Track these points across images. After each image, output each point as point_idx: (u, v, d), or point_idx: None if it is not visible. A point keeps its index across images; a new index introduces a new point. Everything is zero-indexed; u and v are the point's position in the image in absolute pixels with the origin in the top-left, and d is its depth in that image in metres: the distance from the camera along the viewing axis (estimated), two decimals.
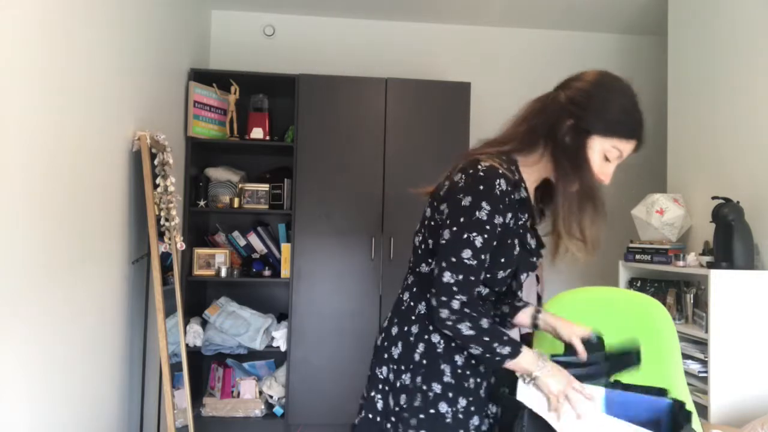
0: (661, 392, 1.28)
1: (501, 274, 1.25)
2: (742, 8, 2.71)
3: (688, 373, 2.46)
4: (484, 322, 1.18)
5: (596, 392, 1.25)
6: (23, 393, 1.67)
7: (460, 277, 1.16)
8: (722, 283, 2.33)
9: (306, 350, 3.25)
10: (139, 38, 2.52)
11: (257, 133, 3.38)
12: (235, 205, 3.36)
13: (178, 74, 3.15)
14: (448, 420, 1.22)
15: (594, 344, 1.34)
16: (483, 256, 1.18)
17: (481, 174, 1.19)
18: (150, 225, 2.40)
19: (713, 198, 2.50)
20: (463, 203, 1.19)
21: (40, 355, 1.75)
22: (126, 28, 2.36)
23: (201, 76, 3.34)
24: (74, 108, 1.93)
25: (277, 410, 3.29)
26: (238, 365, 3.37)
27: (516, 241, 1.24)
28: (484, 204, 1.17)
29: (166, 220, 2.53)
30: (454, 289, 1.16)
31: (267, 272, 3.37)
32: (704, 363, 2.39)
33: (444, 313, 1.17)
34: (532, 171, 1.28)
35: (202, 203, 3.34)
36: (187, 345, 2.88)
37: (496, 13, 3.75)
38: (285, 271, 3.31)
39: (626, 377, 1.34)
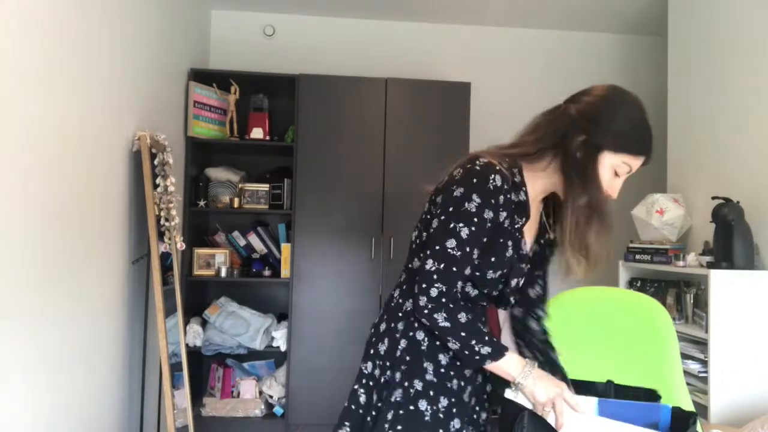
0: (652, 394, 1.27)
1: (491, 275, 1.24)
2: (742, 8, 2.71)
3: (688, 373, 2.46)
4: (462, 316, 1.17)
5: (588, 403, 1.24)
6: (23, 393, 1.67)
7: (442, 266, 1.16)
8: (722, 283, 2.33)
9: (306, 350, 3.25)
10: (139, 38, 2.52)
11: (257, 133, 3.38)
12: (235, 205, 3.36)
13: (178, 74, 3.15)
14: (426, 418, 1.22)
15: None
16: (468, 249, 1.17)
17: (478, 168, 1.20)
18: (150, 225, 2.40)
19: (713, 198, 2.50)
20: (454, 194, 1.19)
21: (40, 355, 1.75)
22: (126, 29, 2.36)
23: (201, 76, 3.34)
24: (74, 108, 1.93)
25: (277, 410, 3.29)
26: (238, 365, 3.37)
27: (510, 243, 1.24)
28: (474, 196, 1.17)
29: (166, 220, 2.53)
30: (434, 277, 1.16)
31: (267, 272, 3.37)
32: (704, 363, 2.39)
33: (422, 300, 1.17)
34: (537, 178, 1.27)
35: (202, 203, 3.34)
36: (187, 345, 2.88)
37: (496, 13, 3.75)
38: (285, 271, 3.31)
39: (621, 378, 1.34)
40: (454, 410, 1.25)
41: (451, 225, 1.17)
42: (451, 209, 1.19)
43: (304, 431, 3.25)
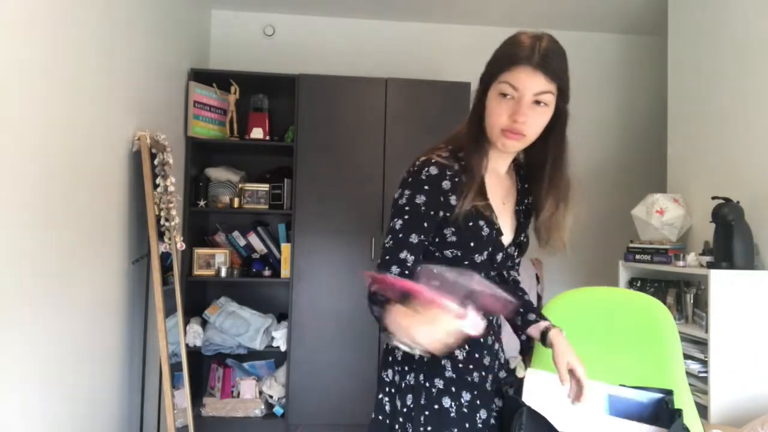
0: (667, 394, 1.28)
1: (479, 258, 1.25)
2: (742, 8, 2.71)
3: (688, 373, 2.46)
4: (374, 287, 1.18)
5: (599, 388, 1.25)
6: (23, 393, 1.67)
7: (380, 259, 1.21)
8: (722, 283, 2.33)
9: (306, 350, 3.25)
10: (139, 38, 2.52)
11: (257, 133, 3.38)
12: (235, 205, 3.36)
13: (178, 74, 3.15)
14: (452, 414, 1.23)
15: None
16: (401, 235, 1.19)
17: (414, 168, 1.24)
18: (150, 225, 2.40)
19: (713, 198, 2.50)
20: (395, 196, 1.25)
21: (40, 355, 1.75)
22: (126, 28, 2.36)
23: (201, 76, 3.34)
24: (74, 108, 1.93)
25: (277, 410, 3.29)
26: (238, 365, 3.37)
27: (482, 223, 1.24)
28: (406, 191, 1.21)
29: (166, 220, 2.53)
30: (376, 270, 1.20)
31: (267, 272, 3.37)
32: (704, 363, 2.39)
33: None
34: (493, 154, 1.29)
35: (202, 203, 3.34)
36: (187, 345, 2.88)
37: (496, 13, 3.75)
38: (285, 271, 3.31)
39: (629, 380, 1.34)
40: (478, 402, 1.26)
41: (390, 223, 1.22)
42: (392, 210, 1.24)
43: (304, 431, 3.25)
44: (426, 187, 1.20)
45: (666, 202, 2.90)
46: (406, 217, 1.20)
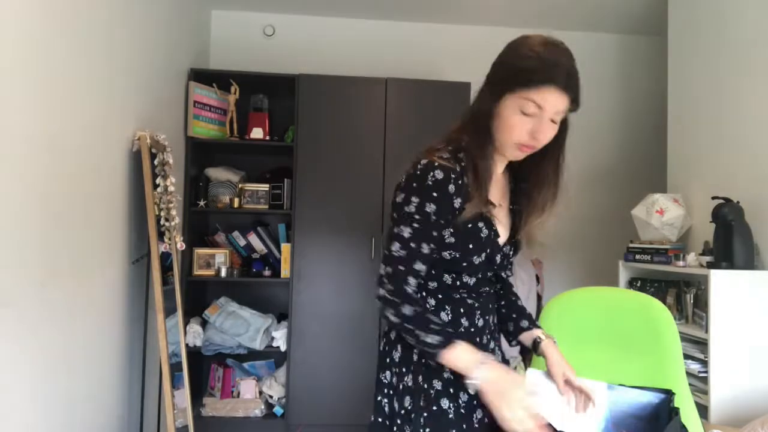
0: (668, 394, 1.28)
1: (477, 260, 1.25)
2: (742, 8, 2.71)
3: (688, 373, 2.46)
4: (407, 309, 1.16)
5: (598, 387, 1.25)
6: (23, 392, 1.67)
7: (389, 269, 1.18)
8: (722, 283, 2.33)
9: (306, 350, 3.25)
10: (139, 38, 2.52)
11: (257, 133, 3.38)
12: (235, 205, 3.36)
13: (178, 74, 3.15)
14: (450, 416, 1.23)
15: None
16: (413, 245, 1.18)
17: (417, 172, 1.21)
18: (150, 225, 2.40)
19: (713, 198, 2.50)
20: (397, 200, 1.22)
21: (40, 355, 1.75)
22: (126, 28, 2.36)
23: (201, 76, 3.34)
24: (74, 108, 1.93)
25: (277, 410, 3.29)
26: (238, 365, 3.37)
27: (481, 224, 1.24)
28: (413, 198, 1.19)
29: (166, 220, 2.53)
30: (384, 280, 1.18)
31: (267, 272, 3.37)
32: (704, 363, 2.39)
33: (377, 303, 1.19)
34: (496, 157, 1.28)
35: (202, 203, 3.34)
36: (187, 345, 2.88)
37: (496, 13, 3.75)
38: (285, 271, 3.31)
39: (629, 380, 1.34)
40: (475, 402, 1.26)
41: (395, 229, 1.20)
42: (394, 215, 1.22)
43: (304, 431, 3.25)
44: (435, 194, 1.18)
45: (666, 202, 2.90)
46: (416, 225, 1.18)
